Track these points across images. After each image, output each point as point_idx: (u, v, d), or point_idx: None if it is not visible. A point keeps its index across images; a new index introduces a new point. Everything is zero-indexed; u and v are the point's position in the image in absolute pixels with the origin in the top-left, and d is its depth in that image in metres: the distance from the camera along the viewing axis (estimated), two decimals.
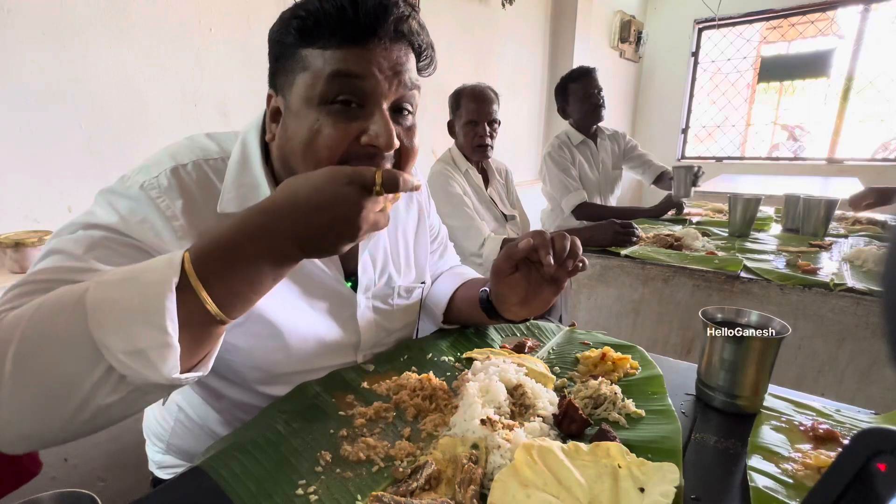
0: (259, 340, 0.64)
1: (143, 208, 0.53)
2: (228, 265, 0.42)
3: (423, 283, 0.85)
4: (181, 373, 0.41)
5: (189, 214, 0.55)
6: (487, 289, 0.75)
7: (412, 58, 0.59)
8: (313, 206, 0.43)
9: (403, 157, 0.60)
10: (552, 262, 0.61)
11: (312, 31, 0.54)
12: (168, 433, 0.75)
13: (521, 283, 0.68)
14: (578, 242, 0.64)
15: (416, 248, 0.85)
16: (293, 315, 0.66)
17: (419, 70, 0.62)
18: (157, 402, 0.49)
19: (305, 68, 0.55)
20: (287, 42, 0.56)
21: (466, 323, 0.87)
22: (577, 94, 2.10)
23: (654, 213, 2.06)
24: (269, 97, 0.61)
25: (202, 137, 0.64)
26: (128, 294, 0.39)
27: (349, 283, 0.72)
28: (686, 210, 2.14)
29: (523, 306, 0.70)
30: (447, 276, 0.92)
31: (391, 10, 0.54)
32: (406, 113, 0.60)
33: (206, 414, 0.71)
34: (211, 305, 0.42)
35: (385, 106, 0.56)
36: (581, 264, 0.64)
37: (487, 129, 1.65)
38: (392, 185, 0.43)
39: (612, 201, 2.38)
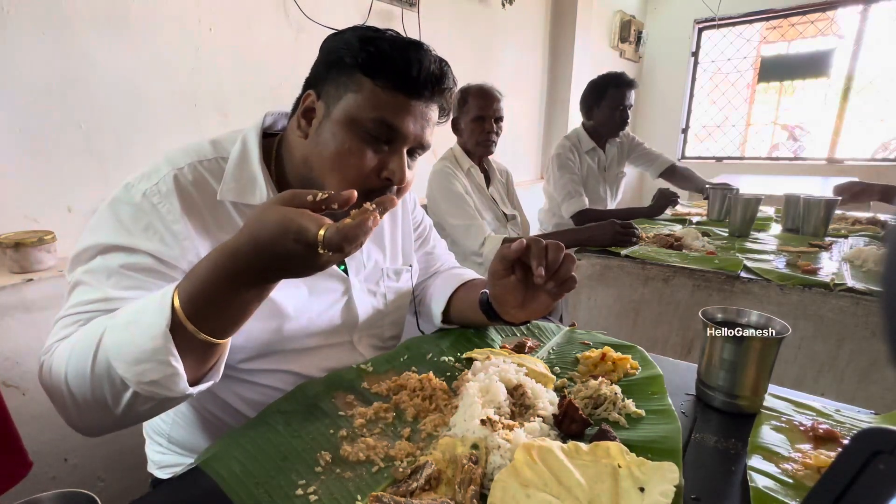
0: (254, 322, 0.65)
1: (147, 215, 0.59)
2: (211, 302, 0.47)
3: (409, 266, 0.89)
4: (195, 384, 0.51)
5: (188, 213, 0.61)
6: (488, 291, 0.75)
7: (437, 114, 0.69)
8: (272, 252, 0.46)
9: (400, 187, 0.67)
10: (543, 273, 0.62)
11: (376, 70, 0.61)
12: (169, 426, 0.76)
13: (519, 287, 0.69)
14: (572, 261, 0.65)
15: (402, 235, 0.90)
16: (287, 295, 0.69)
17: (439, 118, 0.71)
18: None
19: (358, 91, 0.62)
20: (348, 62, 0.62)
21: (466, 324, 0.87)
22: (613, 100, 2.04)
23: (651, 213, 2.06)
24: (307, 96, 0.66)
25: (203, 142, 0.68)
26: (134, 337, 0.47)
27: (341, 267, 0.77)
28: (687, 210, 2.14)
29: (522, 309, 0.71)
30: (446, 276, 0.93)
31: (443, 80, 0.65)
32: (416, 157, 0.69)
33: (202, 397, 0.72)
34: (203, 336, 0.48)
35: (405, 150, 0.65)
36: (571, 281, 0.65)
37: (494, 125, 1.68)
38: (335, 246, 0.44)
39: (615, 202, 2.39)
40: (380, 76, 0.61)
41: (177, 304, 0.46)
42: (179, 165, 0.63)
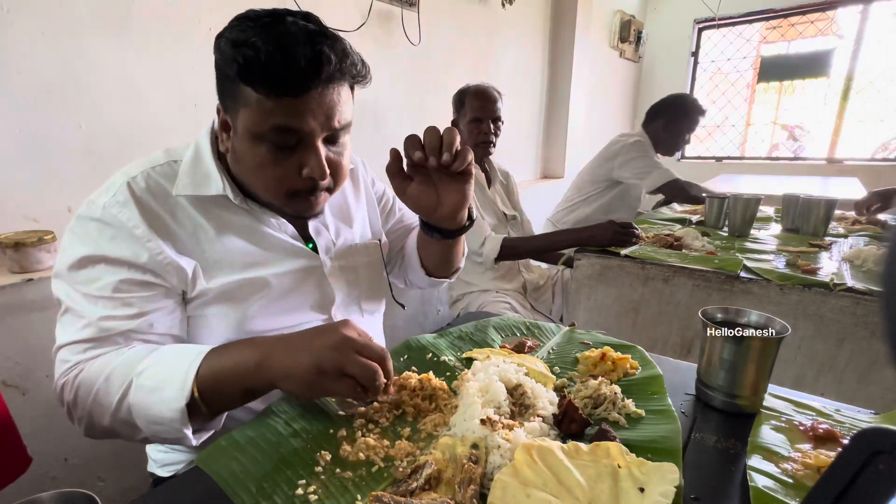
0: (223, 306, 0.68)
1: (110, 227, 0.62)
2: (225, 397, 0.58)
3: (379, 240, 0.91)
4: (200, 430, 0.59)
5: (145, 217, 0.63)
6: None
7: (346, 90, 0.65)
8: (300, 381, 0.54)
9: (334, 176, 0.68)
10: (426, 156, 0.63)
11: (251, 77, 0.58)
12: None
13: (427, 189, 0.71)
14: (454, 133, 0.63)
15: (368, 209, 0.91)
16: (261, 276, 0.70)
17: (357, 85, 0.68)
18: None
19: (247, 105, 0.60)
20: (230, 74, 0.59)
21: (437, 260, 0.89)
22: (690, 126, 2.21)
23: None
24: (218, 110, 0.66)
25: (157, 152, 0.71)
26: (155, 404, 0.55)
27: (309, 245, 0.78)
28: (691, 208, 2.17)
29: (445, 208, 0.72)
30: (411, 236, 0.97)
31: (323, 66, 0.58)
32: (338, 142, 0.67)
33: None
34: (213, 415, 0.59)
35: (319, 143, 0.63)
36: (465, 157, 0.65)
37: (491, 126, 1.67)
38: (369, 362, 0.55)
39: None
40: (259, 85, 0.58)
41: (196, 392, 0.55)
42: (132, 175, 0.65)
